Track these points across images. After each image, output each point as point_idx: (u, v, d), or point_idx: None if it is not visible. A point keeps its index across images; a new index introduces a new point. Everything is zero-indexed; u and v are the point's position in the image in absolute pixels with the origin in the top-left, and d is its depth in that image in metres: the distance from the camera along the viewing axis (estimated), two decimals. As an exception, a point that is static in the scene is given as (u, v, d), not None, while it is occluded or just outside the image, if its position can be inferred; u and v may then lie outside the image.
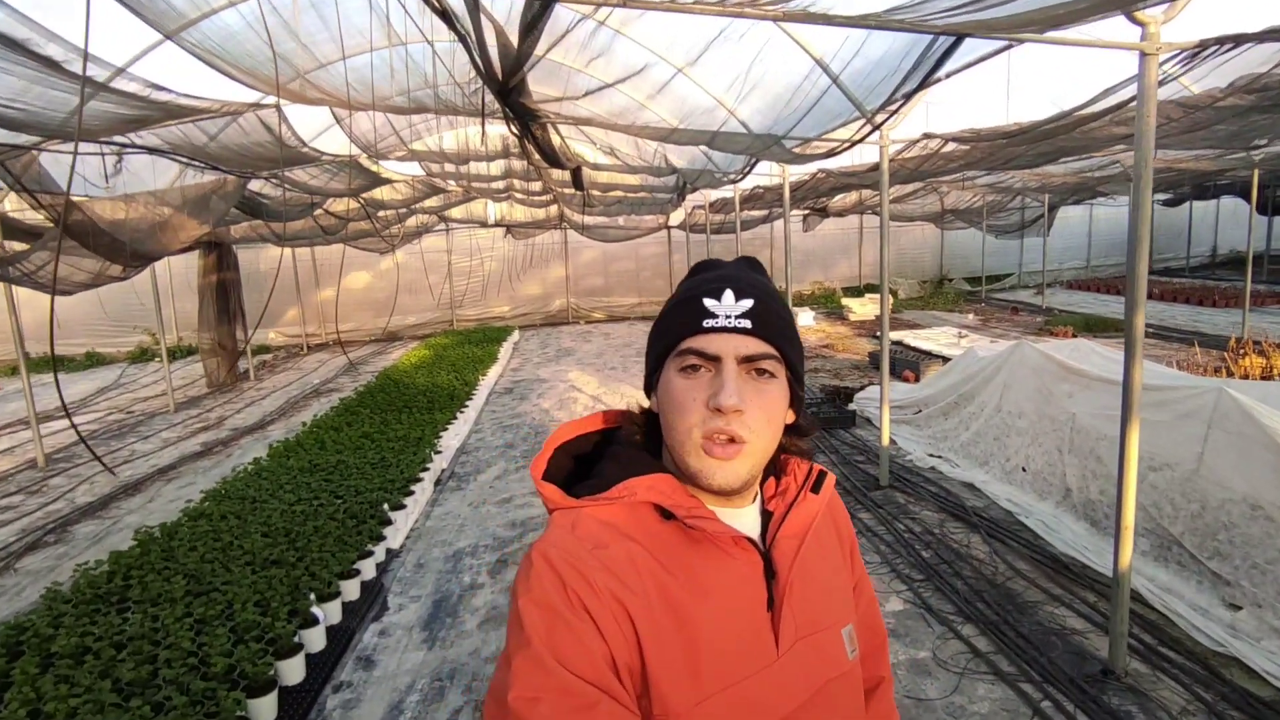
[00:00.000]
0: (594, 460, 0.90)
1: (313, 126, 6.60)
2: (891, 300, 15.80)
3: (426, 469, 5.79)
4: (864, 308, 14.87)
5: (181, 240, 5.67)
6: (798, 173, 7.44)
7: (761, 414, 0.79)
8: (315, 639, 3.43)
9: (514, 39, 2.77)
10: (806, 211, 16.01)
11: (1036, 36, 2.42)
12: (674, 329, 0.82)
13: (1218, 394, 3.49)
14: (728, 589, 0.80)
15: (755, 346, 0.79)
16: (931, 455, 5.70)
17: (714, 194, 11.68)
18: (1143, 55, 2.45)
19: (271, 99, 4.22)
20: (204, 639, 3.14)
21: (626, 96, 4.14)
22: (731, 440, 0.78)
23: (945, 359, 9.37)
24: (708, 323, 0.79)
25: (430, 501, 5.58)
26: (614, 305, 16.64)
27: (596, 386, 9.33)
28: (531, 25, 2.57)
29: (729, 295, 0.81)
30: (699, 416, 0.78)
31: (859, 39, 3.52)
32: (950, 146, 4.89)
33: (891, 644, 3.28)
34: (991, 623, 3.34)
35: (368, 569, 4.22)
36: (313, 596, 3.59)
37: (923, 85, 3.52)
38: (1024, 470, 4.80)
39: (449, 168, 7.34)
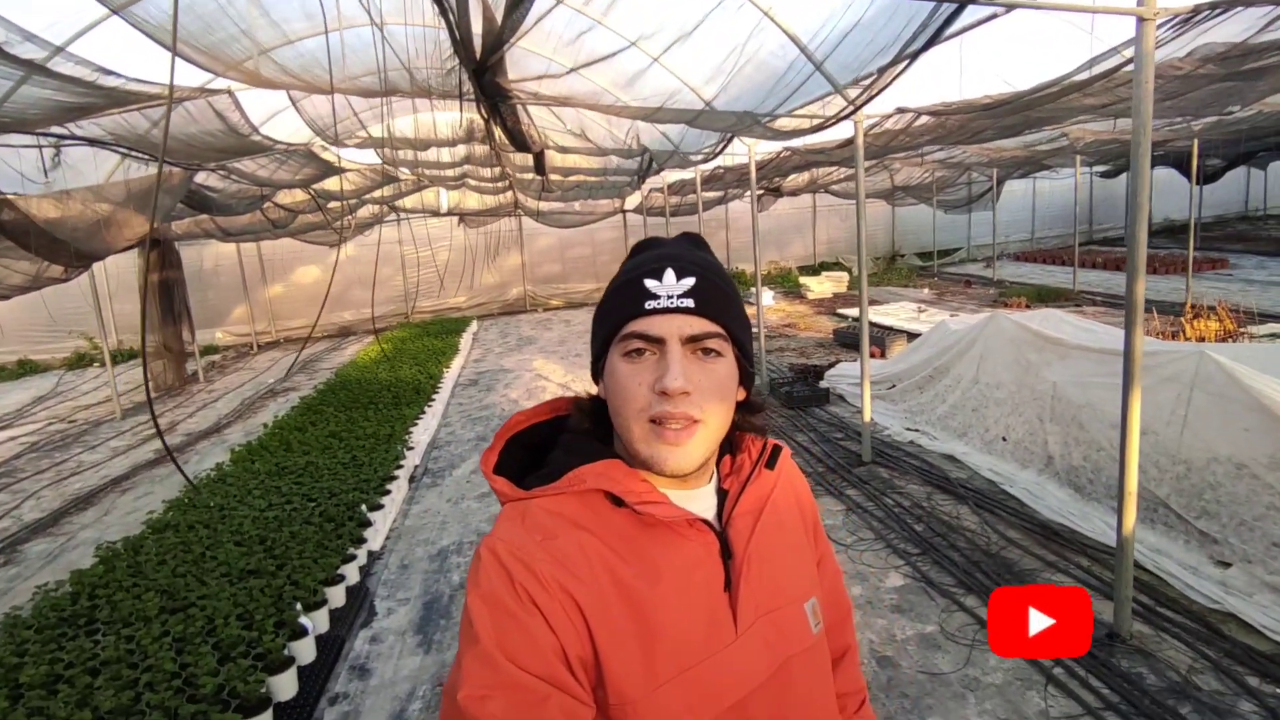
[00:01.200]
0: (548, 450, 0.89)
1: (264, 108, 6.26)
2: (847, 277, 16.01)
3: (400, 466, 5.60)
4: (821, 286, 15.02)
5: (126, 238, 5.33)
6: (762, 152, 7.40)
7: (711, 394, 0.78)
8: (305, 650, 3.27)
9: (498, 15, 2.63)
10: (761, 191, 16.04)
11: (1034, 2, 2.39)
12: (616, 312, 0.81)
13: (1199, 357, 3.57)
14: (682, 572, 0.79)
15: (699, 326, 0.78)
16: (909, 429, 5.75)
17: (672, 176, 11.59)
18: (1140, 20, 2.44)
19: (223, 82, 3.96)
20: (187, 658, 2.96)
21: (613, 72, 4.01)
22: (683, 423, 0.76)
23: (908, 333, 9.51)
24: (649, 304, 0.78)
25: (407, 499, 5.41)
26: (572, 291, 16.44)
27: (563, 374, 9.19)
28: (517, 2, 2.44)
29: (670, 274, 0.79)
30: (646, 401, 0.77)
31: (841, 11, 3.46)
32: (923, 120, 4.90)
33: (898, 620, 3.29)
34: (991, 591, 3.37)
35: (351, 573, 4.06)
36: (299, 606, 3.42)
37: (898, 60, 3.49)
38: (1004, 440, 4.87)
39: (406, 154, 7.08)
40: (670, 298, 0.78)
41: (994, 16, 3.08)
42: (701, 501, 0.86)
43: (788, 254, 18.45)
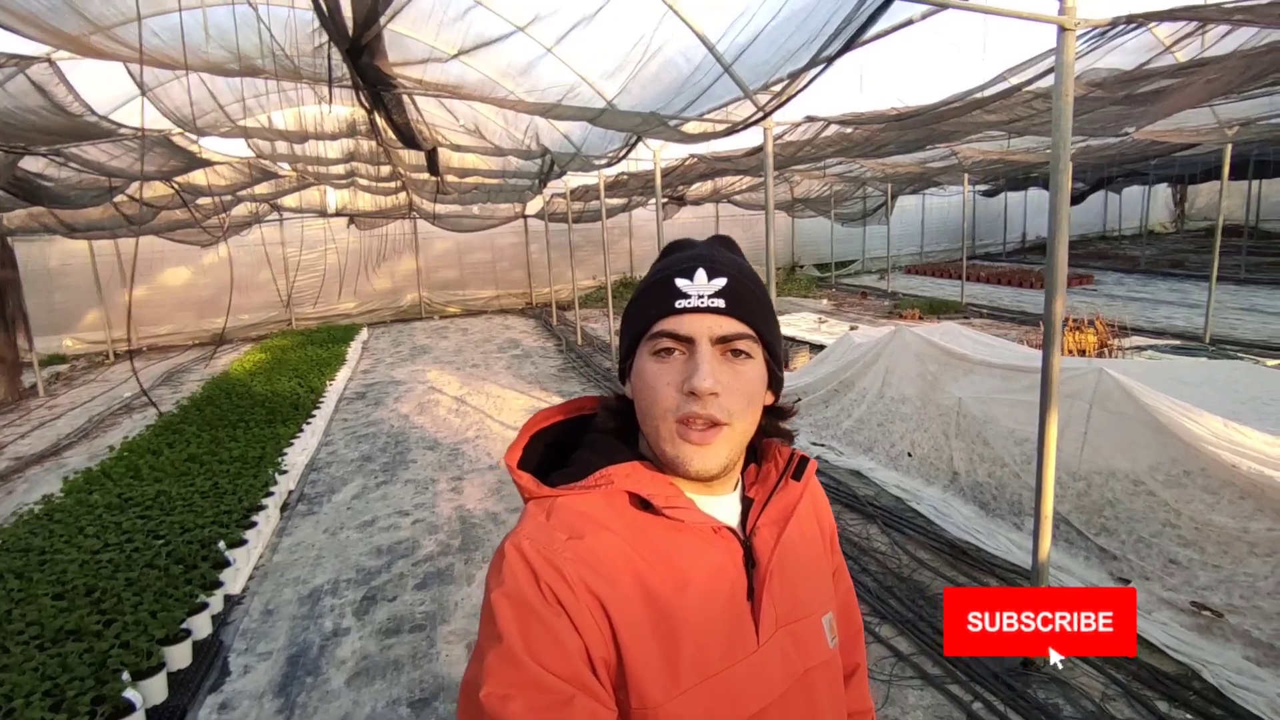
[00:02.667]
0: (570, 448, 0.87)
1: (110, 96, 5.50)
2: (750, 287, 16.20)
3: (270, 493, 5.01)
4: (725, 295, 15.07)
5: (-74, 230, 4.49)
6: (668, 159, 7.23)
7: (739, 396, 0.77)
8: (132, 730, 2.74)
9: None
10: (665, 200, 16.01)
11: (963, 3, 2.25)
12: (646, 311, 0.80)
13: (1098, 375, 3.60)
14: (707, 578, 0.78)
15: (730, 326, 0.77)
16: (815, 444, 5.68)
17: (575, 181, 11.28)
18: (1061, 30, 2.35)
19: (40, 49, 3.35)
20: (-32, 754, 2.39)
21: (504, 61, 3.66)
22: (710, 425, 0.75)
23: (809, 345, 9.60)
24: (680, 303, 0.77)
25: (277, 531, 4.83)
26: (470, 298, 15.82)
27: (459, 387, 8.70)
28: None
29: (701, 274, 0.78)
30: (674, 401, 0.76)
31: (754, 9, 3.27)
32: (830, 131, 4.82)
33: (813, 655, 3.10)
34: (908, 621, 3.25)
35: (201, 625, 3.51)
36: (126, 675, 2.87)
37: (813, 63, 3.34)
38: (910, 455, 4.84)
39: (282, 147, 6.44)
40: (701, 297, 0.77)
41: (909, 22, 2.96)
42: (725, 508, 0.84)
43: (691, 263, 18.48)
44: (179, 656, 3.24)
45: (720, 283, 0.78)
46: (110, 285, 12.30)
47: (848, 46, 2.50)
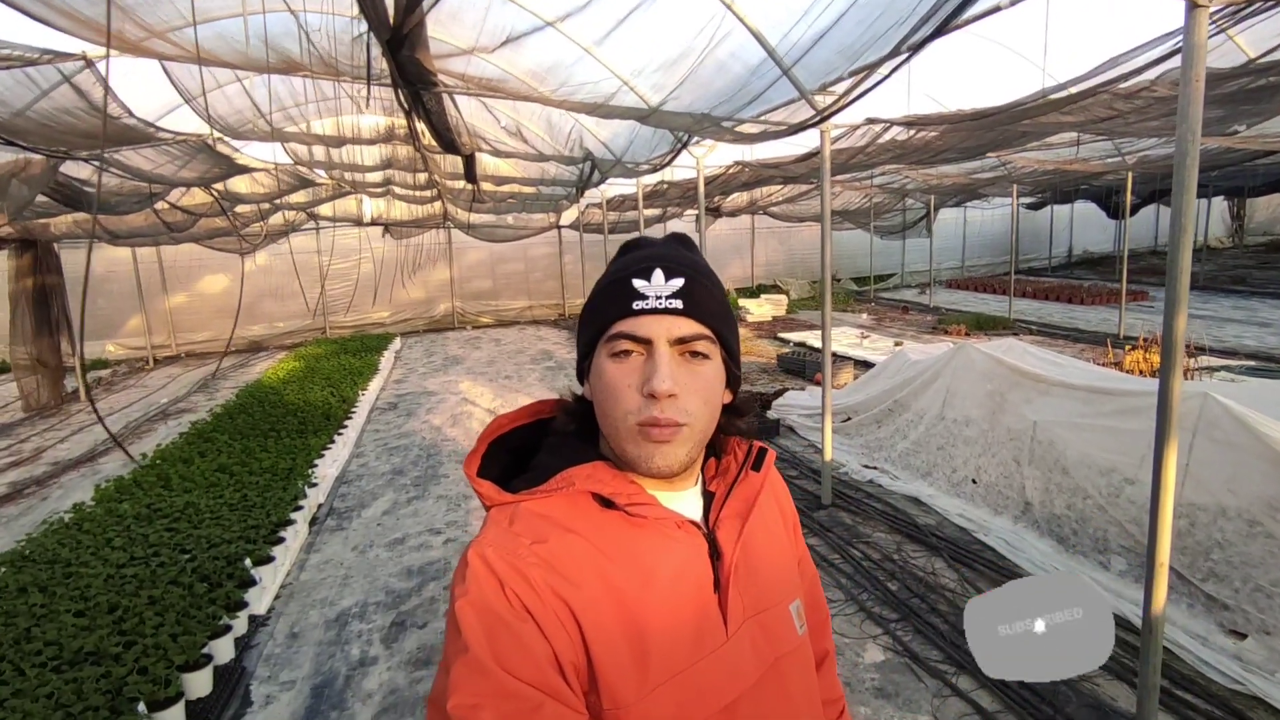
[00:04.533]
0: (531, 453, 0.87)
1: (153, 107, 5.45)
2: (786, 300, 15.85)
3: (300, 507, 4.85)
4: (760, 308, 14.76)
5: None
6: (711, 165, 6.99)
7: (697, 396, 0.77)
8: (145, 767, 2.54)
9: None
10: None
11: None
12: (603, 312, 0.79)
13: (1203, 400, 3.25)
14: (673, 573, 0.78)
15: (687, 327, 0.77)
16: (867, 466, 5.35)
17: (612, 191, 11.10)
18: (1192, 6, 2.06)
19: (78, 47, 3.23)
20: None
21: (549, 59, 3.47)
22: (669, 425, 0.75)
23: (854, 360, 9.25)
24: (637, 304, 0.76)
25: (305, 547, 4.65)
26: (503, 309, 15.72)
27: (491, 399, 8.52)
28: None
29: (659, 275, 0.78)
30: (634, 403, 0.76)
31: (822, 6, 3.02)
32: (890, 135, 4.54)
33: (884, 709, 2.80)
34: (988, 670, 2.92)
35: (224, 649, 3.32)
36: (142, 706, 2.68)
37: (895, 53, 3.08)
38: (974, 482, 4.50)
39: (319, 153, 6.34)
40: (659, 298, 0.76)
41: (996, 9, 2.69)
42: (688, 503, 0.85)
43: (725, 275, 18.19)
44: (199, 685, 3.05)
45: (677, 283, 0.77)
46: (151, 291, 12.41)
47: (940, 31, 2.23)
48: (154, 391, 10.09)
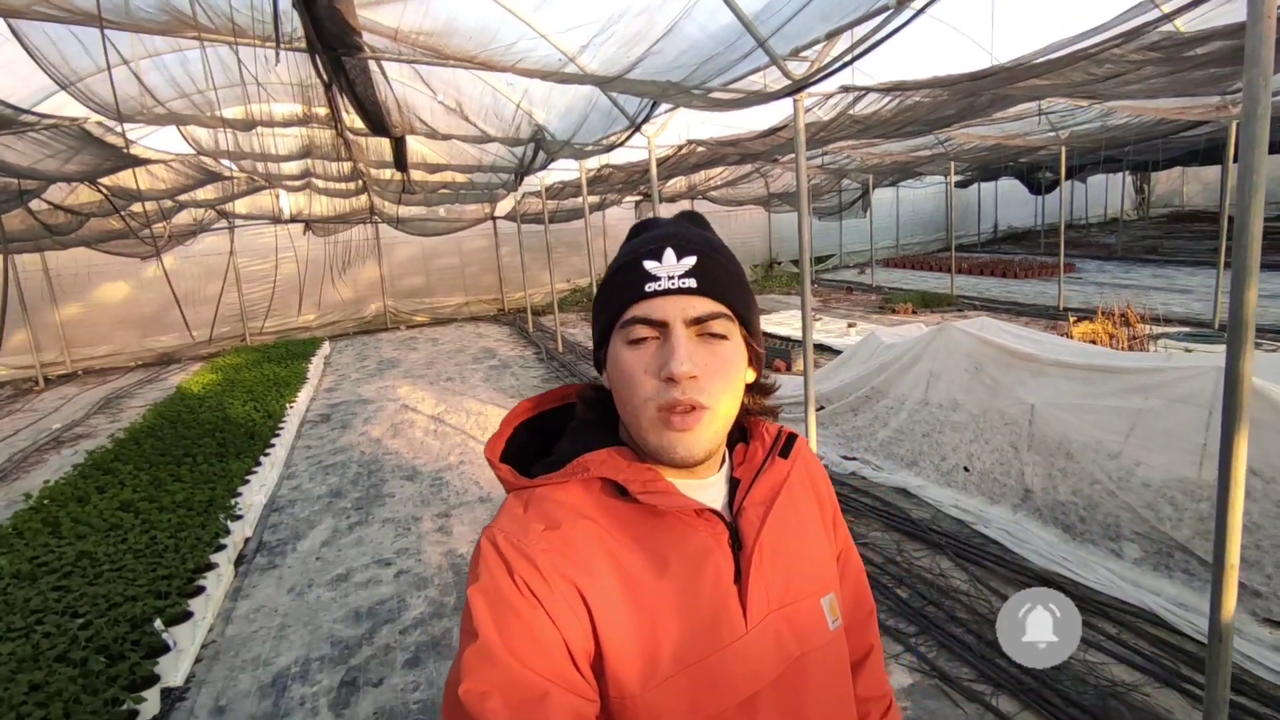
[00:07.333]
0: (557, 438, 0.84)
1: (26, 92, 4.65)
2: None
3: (222, 545, 4.23)
4: (706, 295, 14.47)
5: None
6: (663, 145, 6.58)
7: (718, 377, 0.74)
8: None
9: None
10: (640, 198, 15.41)
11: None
12: (615, 298, 0.76)
13: (1218, 375, 3.04)
14: (689, 563, 0.75)
15: (703, 306, 0.74)
16: (846, 458, 5.07)
17: (551, 178, 10.56)
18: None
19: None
20: None
21: (496, 15, 2.97)
22: (691, 409, 0.72)
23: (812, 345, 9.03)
24: (649, 286, 0.74)
25: (231, 594, 4.04)
26: (438, 306, 14.96)
27: (434, 404, 7.92)
28: None
29: (669, 254, 0.75)
30: (653, 389, 0.73)
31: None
32: (866, 106, 4.22)
33: (928, 747, 2.47)
34: (1030, 690, 2.64)
35: (132, 738, 2.73)
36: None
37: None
38: (966, 470, 4.26)
39: (226, 141, 5.63)
40: (671, 278, 0.74)
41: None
42: (712, 491, 0.82)
43: (666, 263, 17.85)
44: (102, 789, 2.48)
45: (690, 261, 0.74)
46: (38, 303, 11.19)
47: None
48: (45, 416, 9.03)
